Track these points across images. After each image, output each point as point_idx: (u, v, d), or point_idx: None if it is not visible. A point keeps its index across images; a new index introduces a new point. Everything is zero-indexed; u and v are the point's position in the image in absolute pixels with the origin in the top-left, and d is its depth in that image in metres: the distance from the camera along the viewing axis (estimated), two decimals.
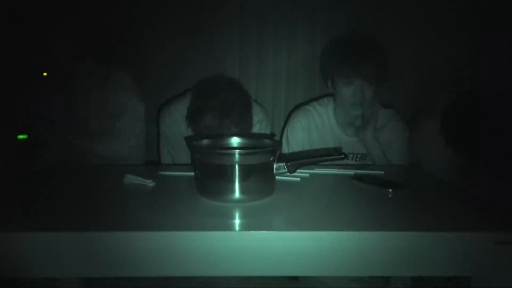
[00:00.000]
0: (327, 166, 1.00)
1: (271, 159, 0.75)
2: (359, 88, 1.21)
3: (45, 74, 1.50)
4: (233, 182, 0.71)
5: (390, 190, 0.80)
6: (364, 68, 1.19)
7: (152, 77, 1.76)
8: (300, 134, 1.35)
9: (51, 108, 1.35)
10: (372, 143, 1.27)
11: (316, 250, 0.59)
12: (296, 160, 0.77)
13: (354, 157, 1.35)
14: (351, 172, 0.97)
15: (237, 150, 0.73)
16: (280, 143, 0.84)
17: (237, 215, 0.68)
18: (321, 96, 1.44)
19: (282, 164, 0.76)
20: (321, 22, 1.74)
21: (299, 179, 0.90)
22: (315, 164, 0.89)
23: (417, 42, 1.72)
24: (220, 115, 1.14)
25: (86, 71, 1.35)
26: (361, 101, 1.23)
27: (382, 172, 1.00)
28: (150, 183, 0.85)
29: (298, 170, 0.78)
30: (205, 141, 0.83)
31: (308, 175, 0.94)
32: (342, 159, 0.83)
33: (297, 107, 1.45)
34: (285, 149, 1.36)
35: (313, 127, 1.36)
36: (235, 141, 0.87)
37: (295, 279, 1.18)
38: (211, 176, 0.74)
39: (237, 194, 0.71)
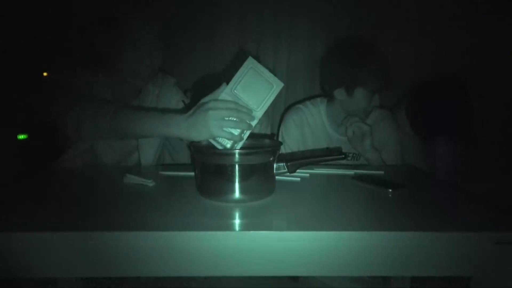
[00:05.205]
0: (327, 166, 1.00)
1: (271, 159, 0.75)
2: (371, 94, 1.23)
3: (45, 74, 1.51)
4: (233, 182, 0.71)
5: (390, 190, 0.80)
6: (378, 76, 1.20)
7: None
8: (294, 132, 1.37)
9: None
10: (370, 151, 1.26)
11: (316, 250, 0.59)
12: (296, 160, 0.77)
13: (346, 156, 1.36)
14: (351, 172, 0.97)
15: (237, 150, 0.73)
16: (280, 143, 0.84)
17: (237, 215, 0.68)
18: (314, 96, 1.45)
19: (282, 164, 0.76)
20: (321, 22, 1.74)
21: (299, 179, 0.90)
22: (315, 164, 0.89)
23: (417, 42, 1.71)
24: None
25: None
26: (367, 106, 1.25)
27: (382, 172, 1.00)
28: (150, 183, 0.85)
29: (298, 170, 0.78)
30: (205, 141, 0.83)
31: (308, 175, 0.94)
32: (342, 159, 0.83)
33: (291, 107, 1.46)
34: (281, 148, 1.37)
35: (305, 124, 1.38)
36: None
37: (295, 279, 1.18)
38: (211, 176, 0.74)
39: (237, 194, 0.71)
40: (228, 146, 0.74)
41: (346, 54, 1.28)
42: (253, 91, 0.74)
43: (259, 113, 0.75)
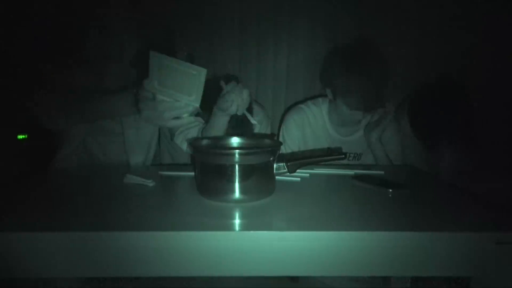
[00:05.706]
0: (327, 166, 1.00)
1: (271, 159, 0.75)
2: (361, 99, 1.22)
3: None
4: (233, 182, 0.71)
5: (390, 190, 0.80)
6: (366, 81, 1.19)
7: None
8: (295, 132, 1.37)
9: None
10: (375, 143, 1.28)
11: (316, 250, 0.59)
12: (296, 160, 0.77)
13: (347, 156, 1.36)
14: (351, 172, 0.97)
15: (237, 150, 0.73)
16: (280, 143, 0.84)
17: (237, 215, 0.68)
18: (316, 96, 1.45)
19: (282, 164, 0.76)
20: (321, 22, 1.74)
21: (299, 179, 0.90)
22: (315, 164, 0.89)
23: (417, 42, 1.72)
24: None
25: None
26: (361, 108, 1.24)
27: (382, 172, 1.00)
28: (150, 183, 0.85)
29: (298, 170, 0.78)
30: (205, 141, 0.83)
31: (308, 175, 0.94)
32: (342, 159, 0.83)
33: (292, 106, 1.46)
34: (282, 148, 1.37)
35: (306, 124, 1.38)
36: (235, 141, 0.87)
37: (295, 279, 1.18)
38: (211, 176, 0.74)
39: (237, 194, 0.71)
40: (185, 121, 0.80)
41: (337, 59, 1.29)
42: (177, 83, 0.77)
43: (194, 101, 0.77)
